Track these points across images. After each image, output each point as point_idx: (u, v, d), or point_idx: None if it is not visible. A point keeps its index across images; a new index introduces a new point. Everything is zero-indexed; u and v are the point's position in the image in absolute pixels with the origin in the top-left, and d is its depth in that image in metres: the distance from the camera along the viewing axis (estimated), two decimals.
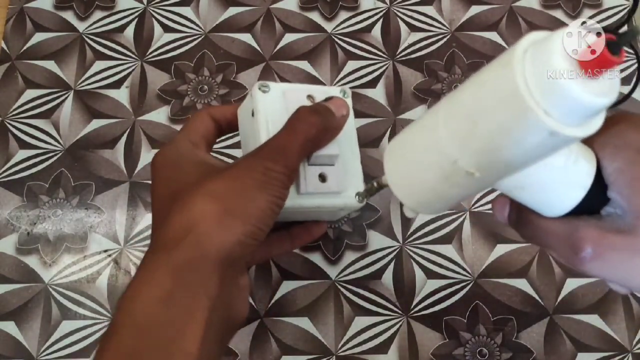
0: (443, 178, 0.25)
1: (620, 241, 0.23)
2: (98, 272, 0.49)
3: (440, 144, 0.24)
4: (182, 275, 0.26)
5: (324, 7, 0.59)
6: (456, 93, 0.23)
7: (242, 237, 0.27)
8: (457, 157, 0.23)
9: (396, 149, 0.28)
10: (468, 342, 0.48)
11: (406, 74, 0.56)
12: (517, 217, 0.28)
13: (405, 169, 0.27)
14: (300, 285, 0.49)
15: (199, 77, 0.56)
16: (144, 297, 0.26)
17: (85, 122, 0.54)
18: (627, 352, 0.47)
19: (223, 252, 0.27)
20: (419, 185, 0.27)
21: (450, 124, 0.23)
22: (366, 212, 0.51)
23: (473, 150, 0.22)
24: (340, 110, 0.32)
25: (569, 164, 0.23)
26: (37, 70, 0.56)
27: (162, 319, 0.26)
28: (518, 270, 0.50)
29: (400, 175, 0.28)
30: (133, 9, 0.59)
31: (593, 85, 0.19)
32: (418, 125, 0.26)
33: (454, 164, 0.23)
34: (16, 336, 0.47)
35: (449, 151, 0.23)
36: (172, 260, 0.27)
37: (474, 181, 0.24)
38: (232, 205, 0.28)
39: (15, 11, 0.59)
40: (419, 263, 0.50)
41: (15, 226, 0.51)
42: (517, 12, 0.59)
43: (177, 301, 0.26)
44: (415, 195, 0.28)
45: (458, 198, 0.26)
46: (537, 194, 0.25)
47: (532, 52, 0.20)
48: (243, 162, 0.29)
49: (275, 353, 0.47)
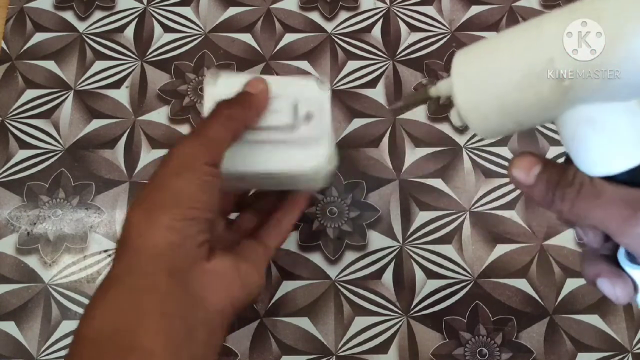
0: (526, 81, 0.23)
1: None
2: (98, 272, 0.49)
3: (539, 41, 0.22)
4: (124, 283, 0.27)
5: (324, 7, 0.59)
6: (571, 4, 0.22)
7: (171, 224, 0.28)
8: (555, 55, 0.22)
9: (476, 47, 0.26)
10: (468, 342, 0.48)
11: (406, 74, 0.56)
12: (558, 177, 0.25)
13: (482, 66, 0.25)
14: (300, 285, 0.49)
15: (199, 77, 0.56)
16: (95, 313, 0.27)
17: (85, 122, 0.54)
18: (627, 352, 0.47)
19: (158, 245, 0.27)
20: (491, 87, 0.24)
21: (564, 19, 0.22)
22: (366, 212, 0.51)
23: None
24: (255, 87, 0.34)
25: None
26: (37, 70, 0.56)
27: (114, 326, 0.26)
28: (518, 270, 0.50)
29: (472, 72, 0.25)
30: (133, 9, 0.59)
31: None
32: (509, 29, 0.24)
33: (549, 62, 0.22)
34: (16, 336, 0.47)
35: (550, 47, 0.22)
36: (115, 273, 0.28)
37: (555, 94, 0.22)
38: (151, 202, 0.29)
39: (15, 11, 0.59)
40: (419, 263, 0.50)
41: (15, 226, 0.51)
42: (517, 12, 0.59)
43: (124, 307, 0.27)
44: (480, 100, 0.25)
45: (520, 117, 0.24)
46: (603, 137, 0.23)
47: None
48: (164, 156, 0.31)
49: (275, 353, 0.47)
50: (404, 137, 0.54)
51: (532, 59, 0.23)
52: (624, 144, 0.23)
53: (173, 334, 0.27)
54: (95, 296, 0.28)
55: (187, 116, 0.55)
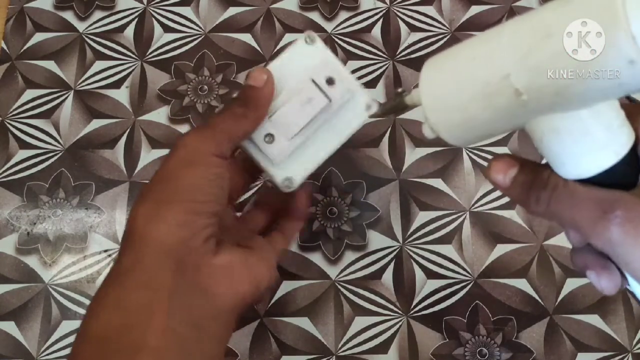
0: (485, 95, 0.23)
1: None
2: (98, 272, 0.49)
3: (496, 55, 0.22)
4: (129, 278, 0.27)
5: (324, 7, 0.59)
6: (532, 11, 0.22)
7: (178, 218, 0.27)
8: (511, 71, 0.22)
9: (442, 58, 0.26)
10: (468, 342, 0.48)
11: (406, 74, 0.56)
12: (533, 179, 0.26)
13: (446, 79, 0.25)
14: (300, 285, 0.49)
15: (199, 77, 0.56)
16: (98, 311, 0.26)
17: (85, 122, 0.54)
18: (627, 352, 0.47)
19: (164, 240, 0.27)
20: (454, 100, 0.25)
21: (518, 34, 0.22)
22: (366, 212, 0.51)
23: (533, 65, 0.21)
24: (258, 81, 0.33)
25: (614, 124, 0.22)
26: (37, 70, 0.56)
27: (118, 324, 0.26)
28: (518, 270, 0.50)
29: (437, 85, 0.26)
30: (133, 9, 0.59)
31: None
32: (473, 38, 0.24)
33: (505, 78, 0.22)
34: (16, 336, 0.47)
35: (505, 63, 0.22)
36: (119, 269, 0.27)
37: (514, 107, 0.22)
38: (157, 195, 0.28)
39: (15, 11, 0.59)
40: (419, 263, 0.50)
41: (15, 226, 0.51)
42: (517, 12, 0.59)
43: (130, 303, 0.26)
44: (445, 111, 0.25)
45: (486, 128, 0.25)
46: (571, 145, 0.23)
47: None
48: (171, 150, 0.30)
49: (275, 353, 0.47)
50: (404, 137, 0.54)
51: (490, 74, 0.23)
52: (591, 149, 0.23)
53: (181, 332, 0.26)
54: (100, 292, 0.27)
55: (187, 116, 0.55)
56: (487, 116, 0.24)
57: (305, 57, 0.35)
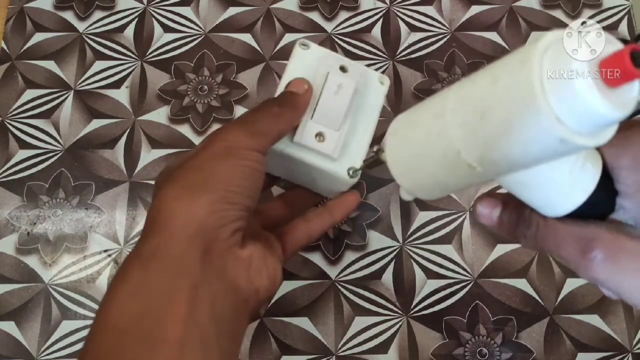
0: (444, 166, 0.24)
1: (636, 246, 0.22)
2: (98, 272, 0.49)
3: (445, 132, 0.23)
4: (153, 262, 0.26)
5: (324, 7, 0.59)
6: (467, 82, 0.22)
7: (210, 206, 0.27)
8: (461, 148, 0.22)
9: (401, 128, 0.27)
10: (468, 342, 0.48)
11: (406, 74, 0.56)
12: (517, 218, 0.27)
13: (407, 150, 0.26)
14: (300, 285, 0.49)
15: (199, 77, 0.56)
16: (118, 294, 0.25)
17: (85, 122, 0.54)
18: (627, 352, 0.47)
19: (194, 225, 0.26)
20: (418, 169, 0.26)
21: (458, 113, 0.22)
22: (366, 212, 0.51)
23: (478, 143, 0.22)
24: (300, 88, 0.34)
25: (575, 167, 0.23)
26: (37, 70, 0.56)
27: (139, 310, 0.25)
28: (518, 270, 0.50)
29: (400, 155, 0.27)
30: (133, 9, 0.59)
31: (611, 96, 0.18)
32: (426, 108, 0.25)
33: (457, 154, 0.23)
34: (16, 336, 0.47)
35: (454, 141, 0.22)
36: (143, 251, 0.26)
37: (475, 174, 0.23)
38: (192, 180, 0.28)
39: (15, 11, 0.59)
40: (419, 263, 0.50)
41: (15, 226, 0.51)
42: (517, 12, 0.59)
43: (151, 289, 0.25)
44: (414, 178, 0.27)
45: (458, 187, 0.26)
46: (538, 193, 0.24)
47: (552, 52, 0.19)
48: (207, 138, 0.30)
49: (275, 353, 0.47)
50: None
51: (444, 150, 0.23)
52: (559, 193, 0.23)
53: (202, 324, 0.25)
54: (119, 275, 0.26)
55: (187, 116, 0.55)
56: (456, 180, 0.25)
57: (308, 60, 0.37)
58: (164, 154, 0.53)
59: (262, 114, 0.31)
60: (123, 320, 0.24)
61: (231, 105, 0.55)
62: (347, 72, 0.36)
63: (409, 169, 0.27)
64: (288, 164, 0.37)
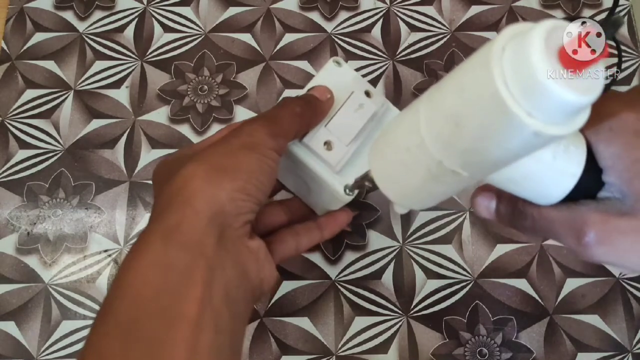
0: (430, 177, 0.24)
1: (625, 224, 0.22)
2: (98, 272, 0.49)
3: (423, 146, 0.23)
4: (174, 237, 0.26)
5: (324, 7, 0.59)
6: (436, 93, 0.22)
7: (232, 192, 0.27)
8: (442, 158, 0.22)
9: (380, 149, 0.27)
10: (468, 342, 0.48)
11: (406, 74, 0.56)
12: (512, 210, 0.27)
13: (392, 169, 0.27)
14: (300, 285, 0.49)
15: (199, 77, 0.56)
16: (138, 265, 0.26)
17: (85, 122, 0.54)
18: (627, 352, 0.47)
19: (215, 207, 0.27)
20: (406, 184, 0.26)
21: (432, 126, 0.22)
22: (366, 212, 0.51)
23: (457, 151, 0.22)
24: (323, 95, 0.35)
25: (558, 154, 0.23)
26: (37, 70, 0.56)
27: (157, 284, 0.25)
28: (518, 270, 0.50)
29: (387, 175, 0.28)
30: (133, 9, 0.59)
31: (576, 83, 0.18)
32: (400, 125, 0.25)
33: (440, 164, 0.23)
34: (16, 336, 0.47)
35: (433, 153, 0.23)
36: (164, 224, 0.26)
37: (462, 178, 0.23)
38: (219, 163, 0.28)
39: (15, 11, 0.59)
40: (419, 263, 0.50)
41: (15, 226, 0.51)
42: (517, 12, 0.59)
43: (172, 263, 0.25)
44: (404, 194, 0.27)
45: (449, 193, 0.26)
46: (528, 186, 0.24)
47: (510, 49, 0.19)
48: (233, 130, 0.31)
49: (275, 353, 0.47)
50: None
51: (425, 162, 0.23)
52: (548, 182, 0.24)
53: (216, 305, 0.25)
54: (139, 246, 0.26)
55: (187, 116, 0.55)
56: (445, 188, 0.25)
57: (338, 75, 0.38)
58: (164, 154, 0.53)
59: (284, 112, 0.32)
60: (143, 292, 0.25)
61: (231, 105, 0.55)
62: (370, 97, 0.37)
63: (397, 186, 0.27)
64: (290, 164, 0.37)
